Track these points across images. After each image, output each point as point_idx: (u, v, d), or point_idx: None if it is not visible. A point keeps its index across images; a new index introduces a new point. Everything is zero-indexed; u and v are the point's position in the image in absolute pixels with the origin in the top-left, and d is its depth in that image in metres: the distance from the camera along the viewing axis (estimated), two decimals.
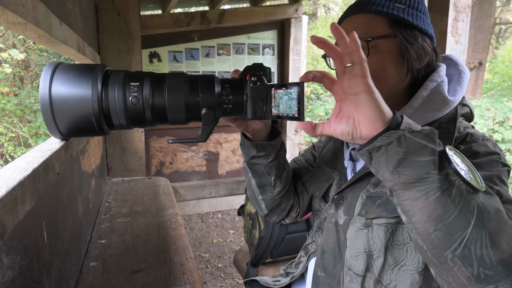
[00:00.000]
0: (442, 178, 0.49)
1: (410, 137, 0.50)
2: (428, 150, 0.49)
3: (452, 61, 0.82)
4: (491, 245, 0.48)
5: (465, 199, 0.49)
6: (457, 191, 0.49)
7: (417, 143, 0.49)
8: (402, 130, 0.50)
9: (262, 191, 0.91)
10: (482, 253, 0.48)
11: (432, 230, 0.50)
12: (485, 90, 7.07)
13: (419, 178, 0.49)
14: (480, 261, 0.48)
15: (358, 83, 0.52)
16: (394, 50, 0.74)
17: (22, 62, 5.19)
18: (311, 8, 11.10)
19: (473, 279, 0.49)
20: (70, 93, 0.61)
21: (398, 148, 0.50)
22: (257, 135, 0.82)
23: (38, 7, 0.69)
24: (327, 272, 0.82)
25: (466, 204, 0.48)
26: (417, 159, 0.49)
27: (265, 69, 0.69)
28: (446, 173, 0.49)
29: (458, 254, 0.49)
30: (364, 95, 0.52)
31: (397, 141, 0.50)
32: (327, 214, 0.86)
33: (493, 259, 0.48)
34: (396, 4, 0.74)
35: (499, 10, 8.94)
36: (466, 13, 1.62)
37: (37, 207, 0.58)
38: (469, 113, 0.81)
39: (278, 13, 3.67)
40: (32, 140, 4.45)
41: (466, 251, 0.49)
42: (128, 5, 1.94)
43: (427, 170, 0.49)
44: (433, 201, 0.49)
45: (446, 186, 0.49)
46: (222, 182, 3.71)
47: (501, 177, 0.64)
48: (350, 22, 0.77)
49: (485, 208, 0.49)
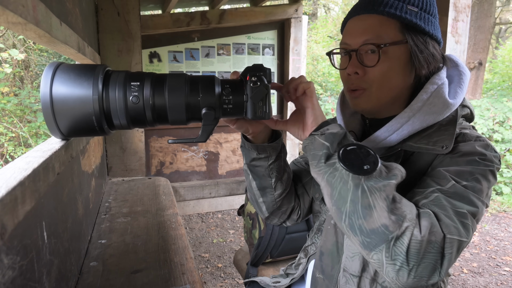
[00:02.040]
0: (328, 165, 0.65)
1: (317, 138, 0.68)
2: (324, 146, 0.66)
3: (453, 62, 0.82)
4: (364, 216, 0.60)
5: (344, 180, 0.62)
6: (339, 175, 0.63)
7: (319, 142, 0.67)
8: (316, 133, 0.69)
9: (263, 194, 0.91)
10: (360, 223, 0.60)
11: (330, 205, 0.66)
12: (485, 90, 7.07)
13: (318, 167, 0.67)
14: (360, 230, 0.61)
15: (307, 101, 0.71)
16: (404, 56, 0.73)
17: (22, 62, 5.19)
18: (311, 8, 11.10)
19: (362, 246, 0.61)
20: (71, 93, 0.61)
21: (311, 146, 0.69)
22: (258, 137, 0.82)
23: (38, 7, 0.69)
24: (325, 274, 0.82)
25: (345, 184, 0.62)
26: (317, 153, 0.67)
27: (265, 69, 0.69)
28: (333, 162, 0.65)
29: (347, 224, 0.62)
30: (308, 109, 0.71)
31: (310, 141, 0.69)
32: (326, 216, 0.86)
33: (367, 227, 0.60)
34: (409, 7, 0.72)
35: (499, 10, 8.94)
36: (466, 13, 1.62)
37: (37, 207, 0.58)
38: (470, 113, 0.81)
39: (278, 13, 3.67)
40: (32, 140, 4.45)
41: (350, 222, 0.62)
42: (128, 5, 1.94)
43: (320, 160, 0.66)
44: (326, 183, 0.66)
45: (331, 171, 0.65)
46: (222, 182, 3.71)
47: (474, 174, 0.66)
48: (360, 21, 0.75)
49: (361, 186, 0.61)
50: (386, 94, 0.76)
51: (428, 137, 0.73)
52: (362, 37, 0.73)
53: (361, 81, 0.75)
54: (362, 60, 0.74)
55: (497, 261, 2.81)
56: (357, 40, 0.74)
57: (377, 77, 0.74)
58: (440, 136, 0.72)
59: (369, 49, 0.73)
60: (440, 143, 0.71)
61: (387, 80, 0.74)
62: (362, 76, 0.75)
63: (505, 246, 3.06)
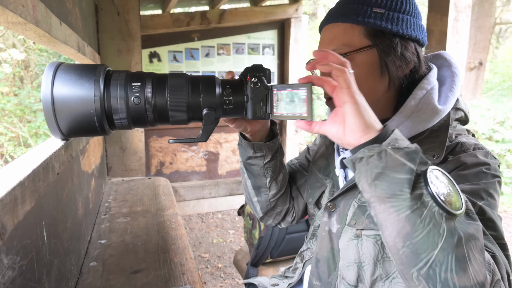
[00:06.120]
0: (414, 197, 0.50)
1: (391, 153, 0.51)
2: (406, 168, 0.50)
3: (446, 61, 0.79)
4: (456, 270, 0.48)
5: (435, 221, 0.49)
6: (428, 212, 0.49)
7: (396, 160, 0.51)
8: (386, 145, 0.52)
9: (257, 193, 0.91)
10: (446, 277, 0.49)
11: (400, 246, 0.51)
12: (485, 90, 7.07)
13: (393, 194, 0.50)
14: (443, 284, 0.49)
15: (343, 94, 0.56)
16: (373, 61, 0.71)
17: (22, 62, 5.19)
18: (311, 8, 11.10)
19: None
20: (72, 93, 0.61)
21: (378, 162, 0.52)
22: (255, 136, 0.82)
23: (38, 7, 0.69)
24: (322, 281, 0.81)
25: (435, 226, 0.49)
26: (394, 176, 0.51)
27: (265, 70, 0.69)
28: (420, 193, 0.50)
29: (423, 274, 0.50)
30: (347, 105, 0.55)
31: (378, 155, 0.52)
32: (320, 221, 0.85)
33: (457, 285, 0.48)
34: (374, 9, 0.70)
35: (499, 10, 8.93)
36: (466, 13, 1.62)
37: (37, 207, 0.58)
38: (464, 116, 0.78)
39: (278, 13, 3.67)
40: (32, 140, 4.45)
41: (431, 272, 0.49)
42: (128, 5, 1.94)
43: (401, 188, 0.50)
44: (403, 218, 0.50)
45: (417, 206, 0.49)
46: (222, 182, 3.71)
47: (488, 190, 0.63)
48: (328, 31, 0.75)
49: (456, 232, 0.49)
50: None
51: (419, 145, 0.72)
52: (329, 47, 0.73)
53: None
54: None
55: None
56: None
57: None
58: (431, 144, 0.70)
59: None
60: (431, 151, 0.69)
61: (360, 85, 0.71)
62: None
63: None
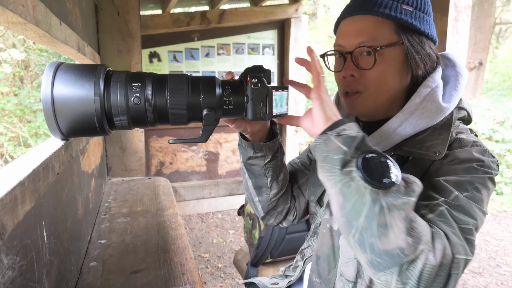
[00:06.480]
0: (344, 173, 0.58)
1: (332, 139, 0.61)
2: (340, 150, 0.59)
3: (450, 61, 0.80)
4: (379, 235, 0.55)
5: (360, 192, 0.56)
6: (355, 186, 0.57)
7: (334, 144, 0.60)
8: (331, 133, 0.62)
9: (259, 193, 0.91)
10: (372, 241, 0.55)
11: (340, 216, 0.60)
12: (485, 90, 7.07)
13: (331, 172, 0.60)
14: (371, 248, 0.56)
15: (313, 92, 0.66)
16: (400, 57, 0.72)
17: (22, 62, 5.19)
18: (311, 8, 11.09)
19: (369, 264, 0.57)
20: (72, 94, 0.61)
21: (324, 147, 0.62)
22: (255, 136, 0.82)
23: (38, 7, 0.69)
24: (321, 278, 0.81)
25: (360, 197, 0.56)
26: (332, 157, 0.60)
27: (265, 71, 0.69)
28: (349, 170, 0.58)
29: (356, 239, 0.57)
30: (314, 101, 0.65)
31: (324, 141, 0.62)
32: (322, 219, 0.85)
33: (381, 248, 0.55)
34: (404, 6, 0.71)
35: (499, 10, 8.93)
36: (466, 13, 1.62)
37: (37, 207, 0.57)
38: (467, 116, 0.79)
39: (278, 13, 3.67)
40: (32, 140, 4.45)
41: (361, 237, 0.57)
42: (128, 5, 1.94)
43: (335, 165, 0.59)
44: (338, 192, 0.59)
45: (346, 180, 0.58)
46: (222, 182, 3.71)
47: (474, 184, 0.64)
48: (354, 22, 0.73)
49: (378, 202, 0.55)
50: (383, 97, 0.74)
51: (422, 142, 0.72)
52: (357, 39, 0.72)
53: (357, 84, 0.74)
54: (357, 63, 0.73)
55: (497, 261, 2.81)
56: (351, 42, 0.73)
57: (374, 80, 0.72)
58: (433, 141, 0.71)
59: (365, 51, 0.72)
60: (433, 148, 0.70)
61: (384, 82, 0.72)
62: (358, 79, 0.73)
63: (505, 246, 3.06)
